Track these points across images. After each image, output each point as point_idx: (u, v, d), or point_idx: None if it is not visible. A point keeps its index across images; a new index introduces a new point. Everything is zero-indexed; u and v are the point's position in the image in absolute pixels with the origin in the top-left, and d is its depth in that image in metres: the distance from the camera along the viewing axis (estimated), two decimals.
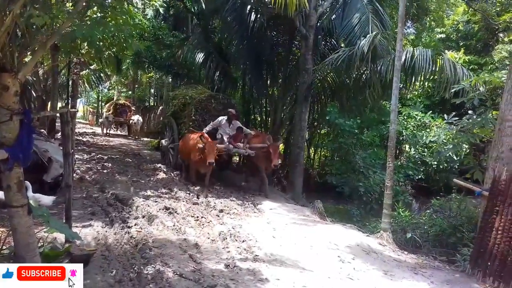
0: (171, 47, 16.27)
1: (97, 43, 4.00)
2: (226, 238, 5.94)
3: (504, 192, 5.47)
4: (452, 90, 8.38)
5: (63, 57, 10.06)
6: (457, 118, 7.84)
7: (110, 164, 11.76)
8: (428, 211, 8.65)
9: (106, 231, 5.96)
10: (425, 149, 14.44)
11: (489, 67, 17.22)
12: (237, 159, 14.21)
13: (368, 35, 10.07)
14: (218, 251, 5.47)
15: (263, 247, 5.76)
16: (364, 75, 11.92)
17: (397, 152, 15.56)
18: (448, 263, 6.49)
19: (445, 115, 8.68)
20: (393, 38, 13.80)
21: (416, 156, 14.56)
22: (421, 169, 14.42)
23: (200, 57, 13.76)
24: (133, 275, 4.30)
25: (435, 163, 14.02)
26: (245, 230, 6.49)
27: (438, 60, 10.92)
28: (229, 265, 4.88)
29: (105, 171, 10.85)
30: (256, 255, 5.40)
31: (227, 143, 9.83)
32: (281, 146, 13.31)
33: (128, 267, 4.57)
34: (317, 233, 6.94)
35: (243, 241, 5.91)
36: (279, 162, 9.62)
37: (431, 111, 15.61)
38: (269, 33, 13.89)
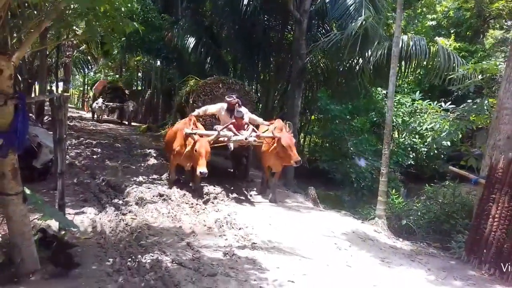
0: (161, 30, 15.95)
1: (94, 22, 3.83)
2: (223, 226, 5.88)
3: (501, 180, 5.47)
4: (450, 77, 8.34)
5: (53, 39, 9.72)
6: (449, 104, 7.86)
7: (99, 150, 11.61)
8: (422, 197, 8.68)
9: (100, 218, 5.85)
10: (416, 136, 14.48)
11: (480, 54, 17.29)
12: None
13: (359, 18, 9.98)
14: (216, 239, 5.41)
15: (260, 235, 5.71)
16: (355, 61, 11.88)
17: None
18: (442, 250, 6.52)
19: (442, 103, 8.67)
20: (385, 23, 13.87)
21: (406, 143, 14.59)
22: (411, 156, 14.47)
23: (191, 41, 13.51)
24: (132, 264, 4.21)
25: (425, 149, 14.07)
26: (241, 218, 6.41)
27: (432, 47, 10.94)
28: (227, 253, 4.82)
29: (94, 156, 10.71)
30: (254, 243, 5.34)
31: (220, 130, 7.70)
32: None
33: (125, 255, 4.48)
34: (312, 220, 6.92)
35: (239, 229, 5.84)
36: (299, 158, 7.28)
37: (421, 98, 15.60)
38: (262, 17, 13.67)
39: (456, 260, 5.90)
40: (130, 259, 4.35)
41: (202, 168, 6.70)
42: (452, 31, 19.51)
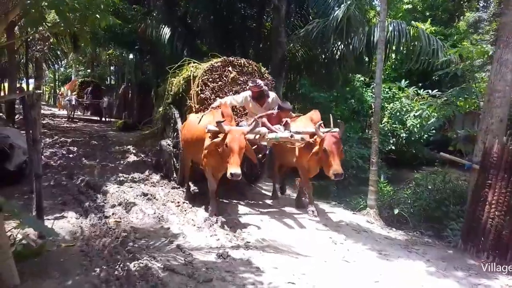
0: (133, 22, 15.41)
1: (68, 13, 3.47)
2: (213, 225, 5.61)
3: (497, 165, 5.35)
4: (436, 62, 8.21)
5: (21, 32, 9.17)
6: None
7: (75, 148, 11.17)
8: (410, 185, 8.58)
9: (81, 223, 5.47)
10: (396, 121, 14.45)
11: (455, 38, 17.35)
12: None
13: (343, 5, 9.77)
14: (207, 239, 5.14)
15: (253, 233, 5.47)
16: (336, 48, 11.68)
17: (366, 124, 15.52)
18: (437, 238, 6.41)
19: (429, 90, 8.57)
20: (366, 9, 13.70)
21: (386, 129, 14.54)
22: (391, 141, 14.43)
23: (165, 32, 13.06)
24: (120, 273, 3.90)
25: (405, 135, 14.05)
26: (229, 215, 6.17)
27: (412, 31, 10.83)
28: (221, 255, 4.55)
29: (71, 155, 10.26)
30: (248, 242, 5.09)
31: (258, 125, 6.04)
32: None
33: (112, 263, 4.16)
34: (304, 214, 6.71)
35: (231, 227, 5.59)
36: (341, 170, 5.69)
37: (406, 86, 15.55)
38: (239, 5, 13.30)
39: (453, 248, 5.78)
40: (118, 267, 4.03)
41: (234, 168, 5.18)
42: (427, 15, 19.54)
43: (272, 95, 7.14)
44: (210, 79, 7.62)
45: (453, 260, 5.25)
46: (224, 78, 7.73)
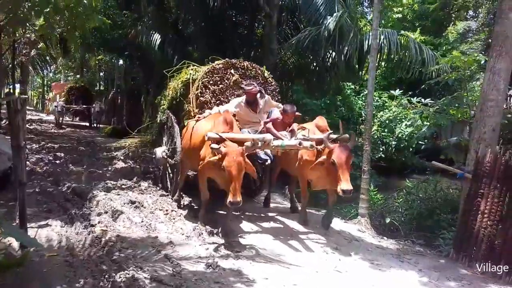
0: (123, 27, 15.31)
1: (54, 16, 3.36)
2: (202, 233, 5.48)
3: (490, 174, 5.32)
4: (428, 71, 8.23)
5: (7, 36, 8.99)
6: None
7: (62, 154, 10.97)
8: (401, 193, 8.53)
9: (66, 231, 5.31)
10: (385, 129, 14.45)
11: (444, 48, 17.48)
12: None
13: (335, 14, 9.78)
14: (196, 248, 5.01)
15: (243, 242, 5.36)
16: (328, 56, 11.69)
17: (356, 132, 15.51)
18: (428, 248, 6.34)
19: (421, 98, 8.58)
20: (355, 18, 13.74)
21: (376, 136, 14.53)
22: (381, 149, 14.41)
23: (156, 38, 12.98)
24: (105, 285, 3.76)
25: (394, 142, 14.06)
26: (218, 224, 6.05)
27: (403, 40, 10.88)
28: (210, 265, 4.43)
29: (57, 161, 10.07)
30: (238, 251, 4.99)
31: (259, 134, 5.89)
32: None
33: (97, 274, 4.02)
34: (294, 222, 6.61)
35: (220, 236, 5.47)
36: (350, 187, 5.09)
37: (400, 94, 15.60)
38: (230, 12, 13.28)
39: (444, 258, 5.73)
40: (103, 279, 3.89)
41: (234, 197, 4.75)
42: (417, 24, 19.69)
43: (264, 97, 6.72)
44: (211, 82, 7.13)
45: (445, 269, 5.20)
46: (226, 81, 7.25)
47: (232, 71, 7.32)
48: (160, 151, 7.52)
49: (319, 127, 6.03)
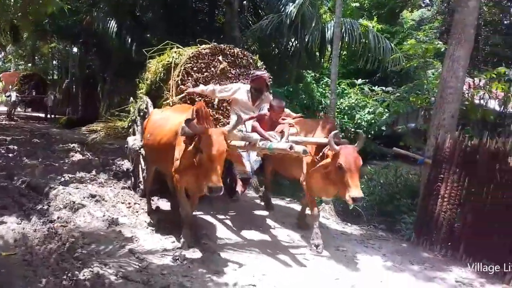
0: (78, 13, 14.69)
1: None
2: (167, 226, 5.36)
3: (449, 160, 5.48)
4: (389, 59, 8.39)
5: None
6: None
7: (15, 147, 10.52)
8: (363, 179, 8.67)
9: (23, 228, 5.05)
10: (345, 116, 14.69)
11: (400, 36, 17.87)
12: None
13: (297, 1, 9.76)
14: (161, 242, 4.90)
15: (210, 232, 5.29)
16: (290, 44, 11.69)
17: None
18: (390, 232, 6.49)
19: (382, 87, 8.75)
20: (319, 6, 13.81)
21: (336, 124, 14.68)
22: (341, 135, 14.58)
23: (113, 24, 12.55)
24: (69, 283, 3.60)
25: (353, 128, 14.30)
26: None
27: (362, 29, 11.04)
28: (178, 258, 4.33)
29: (10, 154, 9.63)
30: (205, 243, 4.91)
31: (245, 130, 5.34)
32: None
33: (59, 272, 3.84)
34: (261, 210, 6.60)
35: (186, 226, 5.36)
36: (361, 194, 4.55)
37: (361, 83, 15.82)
38: None
39: (406, 242, 5.87)
40: (65, 277, 3.73)
41: (214, 182, 3.93)
42: (374, 13, 20.00)
43: (269, 90, 6.15)
44: (195, 68, 6.25)
45: (408, 253, 5.32)
46: (212, 68, 6.37)
47: (220, 58, 6.45)
48: (132, 140, 6.80)
49: (326, 129, 5.08)
